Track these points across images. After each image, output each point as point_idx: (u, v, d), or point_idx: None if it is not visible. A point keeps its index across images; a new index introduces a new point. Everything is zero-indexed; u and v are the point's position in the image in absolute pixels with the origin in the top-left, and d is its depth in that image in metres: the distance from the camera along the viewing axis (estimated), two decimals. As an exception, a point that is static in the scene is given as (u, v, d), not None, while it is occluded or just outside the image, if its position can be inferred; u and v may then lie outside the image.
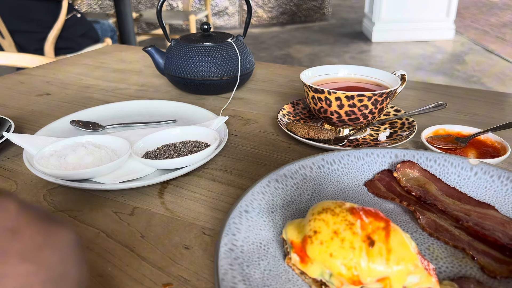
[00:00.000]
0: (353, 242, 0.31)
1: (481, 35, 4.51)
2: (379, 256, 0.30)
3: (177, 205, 0.47)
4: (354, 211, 0.32)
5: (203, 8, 4.72)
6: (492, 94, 0.84)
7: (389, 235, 0.31)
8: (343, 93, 0.57)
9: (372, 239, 0.31)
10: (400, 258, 0.30)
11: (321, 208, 0.34)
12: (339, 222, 0.32)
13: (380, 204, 0.45)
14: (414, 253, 0.31)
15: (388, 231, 0.31)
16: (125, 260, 0.39)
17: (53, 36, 1.95)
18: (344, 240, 0.31)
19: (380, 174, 0.48)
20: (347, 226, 0.31)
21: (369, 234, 0.31)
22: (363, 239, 0.31)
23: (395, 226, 0.32)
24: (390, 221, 0.32)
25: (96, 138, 0.57)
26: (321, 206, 0.34)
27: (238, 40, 0.84)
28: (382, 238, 0.31)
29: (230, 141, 0.63)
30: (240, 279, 0.32)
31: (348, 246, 0.31)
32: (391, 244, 0.30)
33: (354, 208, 0.33)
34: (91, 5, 4.53)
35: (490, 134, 0.57)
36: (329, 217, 0.32)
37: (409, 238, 0.32)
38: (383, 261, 0.30)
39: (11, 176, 0.54)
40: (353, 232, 0.31)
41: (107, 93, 0.86)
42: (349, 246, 0.31)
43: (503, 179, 0.44)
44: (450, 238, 0.39)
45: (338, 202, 0.34)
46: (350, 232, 0.31)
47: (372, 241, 0.30)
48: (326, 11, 5.42)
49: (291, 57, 3.89)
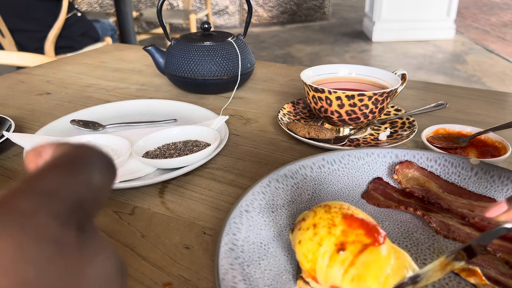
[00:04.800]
0: (324, 240, 0.30)
1: (482, 35, 4.50)
2: (340, 264, 0.29)
3: (177, 204, 0.47)
4: (348, 216, 0.31)
5: (203, 7, 4.72)
6: (492, 94, 0.84)
7: (363, 252, 0.29)
8: (343, 93, 0.57)
9: (343, 247, 0.29)
10: (359, 276, 0.29)
11: (326, 203, 0.34)
12: (324, 219, 0.31)
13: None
14: (378, 281, 0.29)
15: (366, 249, 0.29)
16: (126, 260, 0.39)
17: (53, 35, 1.95)
18: (316, 234, 0.31)
19: (373, 184, 0.48)
20: (328, 225, 0.31)
21: (344, 241, 0.30)
22: (335, 243, 0.30)
23: (385, 251, 0.29)
24: (383, 244, 0.30)
25: (97, 137, 0.57)
26: (329, 202, 0.34)
27: (239, 39, 0.84)
28: (355, 251, 0.29)
29: (230, 141, 0.63)
30: (241, 278, 0.32)
31: (317, 241, 0.30)
32: (359, 259, 0.29)
33: (351, 215, 0.31)
34: (91, 4, 4.53)
35: (491, 134, 0.57)
36: (321, 212, 0.32)
37: (403, 268, 0.29)
38: (341, 271, 0.29)
39: (12, 176, 0.54)
40: (329, 232, 0.30)
41: (107, 93, 0.86)
42: (317, 241, 0.30)
43: (504, 179, 0.44)
44: (466, 237, 0.39)
45: (345, 204, 0.33)
46: (327, 231, 0.30)
47: (342, 248, 0.29)
48: (326, 10, 5.42)
49: (291, 57, 3.88)
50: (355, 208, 0.33)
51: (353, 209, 0.32)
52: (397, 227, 0.41)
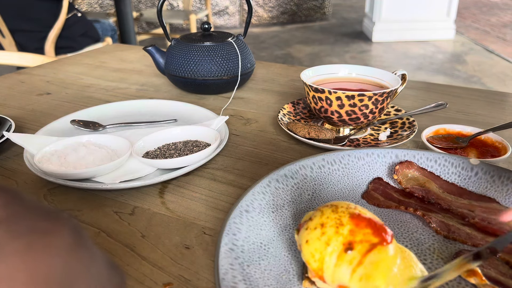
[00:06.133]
0: (332, 239, 0.30)
1: (482, 35, 4.50)
2: (347, 263, 0.29)
3: (177, 204, 0.47)
4: (355, 216, 0.31)
5: (203, 7, 4.72)
6: (492, 94, 0.84)
7: (371, 251, 0.29)
8: (343, 93, 0.57)
9: (351, 246, 0.29)
10: (367, 275, 0.29)
11: (332, 203, 0.34)
12: (332, 218, 0.31)
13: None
14: (386, 280, 0.29)
15: (374, 248, 0.29)
16: (126, 260, 0.39)
17: (54, 35, 1.95)
18: (324, 234, 0.31)
19: (373, 184, 0.48)
20: (335, 224, 0.31)
21: (352, 241, 0.30)
22: (343, 242, 0.30)
23: (392, 251, 0.29)
24: (390, 244, 0.30)
25: (97, 137, 0.57)
26: (335, 202, 0.34)
27: (239, 39, 0.84)
28: (363, 250, 0.29)
29: (230, 141, 0.63)
30: (241, 278, 0.32)
31: (325, 240, 0.30)
32: (367, 259, 0.29)
33: (358, 214, 0.31)
34: (91, 4, 4.53)
35: (491, 134, 0.57)
36: (328, 211, 0.32)
37: (410, 269, 0.30)
38: (349, 270, 0.29)
39: (12, 176, 0.54)
40: (337, 231, 0.30)
41: (107, 93, 0.86)
42: (325, 241, 0.30)
43: (504, 179, 0.44)
44: (466, 238, 0.39)
45: (352, 204, 0.33)
46: (334, 230, 0.30)
47: (350, 248, 0.29)
48: (326, 10, 5.42)
49: (291, 57, 3.89)
50: (362, 208, 0.33)
51: (360, 209, 0.32)
52: (397, 227, 0.41)
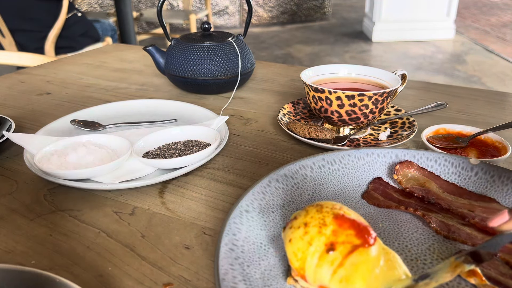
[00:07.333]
0: (314, 239, 0.30)
1: (482, 35, 4.50)
2: (329, 264, 0.29)
3: (177, 204, 0.47)
4: (339, 216, 0.31)
5: (203, 7, 4.72)
6: (492, 94, 0.84)
7: (353, 252, 0.29)
8: (343, 93, 0.57)
9: (333, 247, 0.29)
10: (347, 277, 0.29)
11: (318, 203, 0.34)
12: (316, 218, 0.31)
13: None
14: (366, 283, 0.29)
15: (356, 250, 0.29)
16: (126, 260, 0.39)
17: (54, 35, 1.95)
18: (307, 233, 0.31)
19: (373, 184, 0.48)
20: (319, 224, 0.31)
21: (334, 241, 0.29)
22: (325, 243, 0.30)
23: (375, 252, 0.29)
24: (373, 245, 0.29)
25: (97, 137, 0.57)
26: (321, 202, 0.34)
27: (239, 39, 0.84)
28: (344, 252, 0.29)
29: (230, 141, 0.63)
30: (241, 279, 0.32)
31: (307, 240, 0.30)
32: (348, 260, 0.29)
33: (342, 215, 0.31)
34: (91, 4, 4.53)
35: (491, 134, 0.57)
36: (313, 211, 0.32)
37: (394, 270, 0.29)
38: (330, 271, 0.29)
39: (12, 176, 0.54)
40: (320, 231, 0.30)
41: (107, 93, 0.86)
42: (308, 240, 0.30)
43: (504, 179, 0.44)
44: (466, 238, 0.39)
45: (337, 204, 0.33)
46: (317, 230, 0.30)
47: (331, 248, 0.29)
48: (326, 10, 5.42)
49: (291, 57, 3.88)
50: (347, 209, 0.33)
51: (345, 209, 0.32)
52: (397, 227, 0.41)
